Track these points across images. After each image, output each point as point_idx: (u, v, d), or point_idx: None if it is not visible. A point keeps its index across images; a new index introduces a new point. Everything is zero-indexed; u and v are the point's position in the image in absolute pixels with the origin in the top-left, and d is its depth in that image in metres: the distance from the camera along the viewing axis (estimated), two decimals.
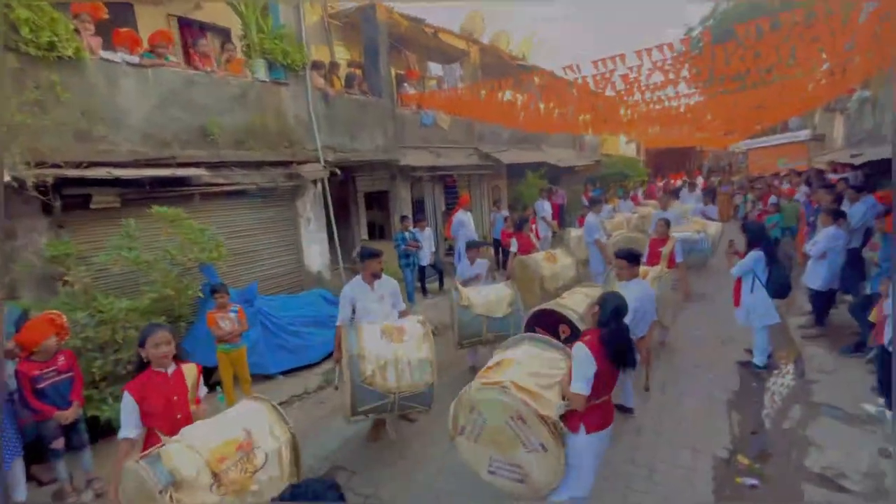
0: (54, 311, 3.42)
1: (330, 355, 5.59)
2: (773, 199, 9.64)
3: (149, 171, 4.68)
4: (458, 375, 4.77)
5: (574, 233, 8.65)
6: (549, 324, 4.01)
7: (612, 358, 2.41)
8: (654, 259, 5.64)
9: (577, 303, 4.15)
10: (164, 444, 2.24)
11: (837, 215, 5.29)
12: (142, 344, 2.54)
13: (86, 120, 4.40)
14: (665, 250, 5.60)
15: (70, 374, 3.36)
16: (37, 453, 3.42)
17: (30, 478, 3.38)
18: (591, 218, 7.21)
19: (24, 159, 3.85)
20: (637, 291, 3.65)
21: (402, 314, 4.03)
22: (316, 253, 6.95)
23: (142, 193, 4.75)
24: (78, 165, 4.21)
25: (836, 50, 5.05)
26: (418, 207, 9.63)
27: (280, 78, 6.20)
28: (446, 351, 4.97)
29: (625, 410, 3.93)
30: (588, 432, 2.41)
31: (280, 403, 4.62)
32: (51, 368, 3.24)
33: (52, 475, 3.47)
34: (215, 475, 2.13)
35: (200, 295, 4.74)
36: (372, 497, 3.30)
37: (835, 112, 14.32)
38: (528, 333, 3.01)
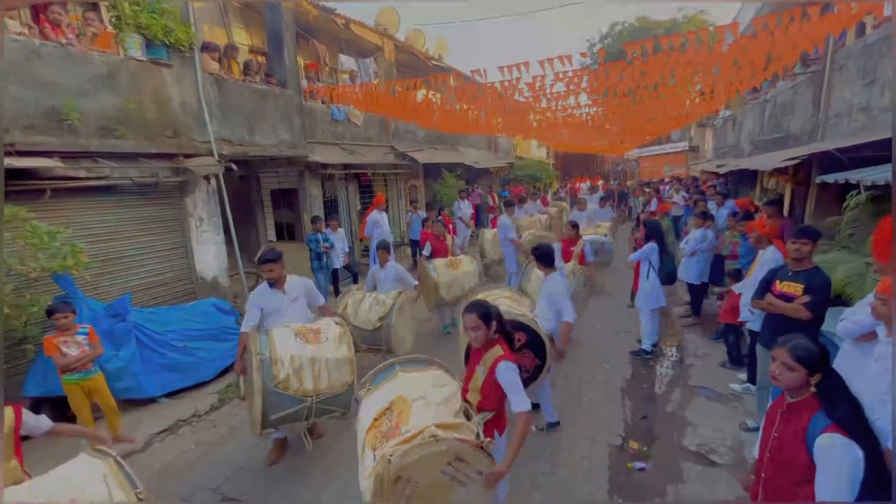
0: None
1: (224, 372, 5.05)
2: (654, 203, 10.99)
3: None
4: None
5: (489, 233, 8.85)
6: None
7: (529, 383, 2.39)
8: (567, 258, 6.12)
9: (518, 307, 3.87)
10: None
11: (706, 217, 6.11)
12: None
13: None
14: (576, 250, 6.06)
15: None
16: None
17: None
18: (504, 219, 7.47)
19: None
20: (554, 282, 3.74)
21: (322, 310, 3.88)
22: (210, 256, 6.22)
23: None
24: None
25: (706, 73, 5.77)
26: (331, 207, 9.16)
27: (161, 57, 5.42)
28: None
29: (552, 426, 3.89)
30: (501, 433, 2.42)
31: (162, 431, 4.14)
32: None
33: None
34: None
35: None
36: None
37: (706, 127, 16.59)
38: (393, 358, 2.71)
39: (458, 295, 5.75)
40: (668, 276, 5.49)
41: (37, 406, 3.79)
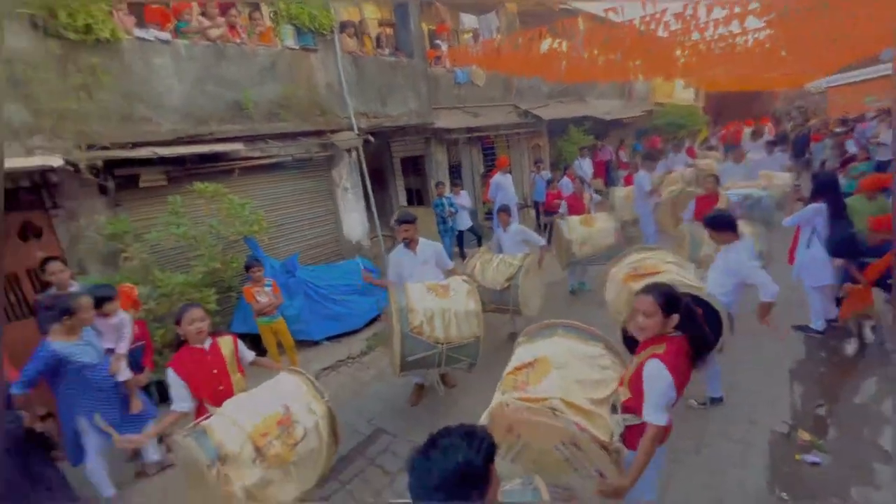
0: (128, 285, 3.70)
1: (372, 322, 5.76)
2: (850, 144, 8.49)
3: (189, 149, 4.82)
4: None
5: (620, 192, 8.14)
6: None
7: (696, 362, 2.01)
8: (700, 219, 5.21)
9: (687, 276, 3.38)
10: (209, 416, 2.37)
11: None
12: (178, 322, 2.68)
13: (128, 101, 4.55)
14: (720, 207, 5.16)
15: (142, 342, 3.65)
16: None
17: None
18: (641, 175, 6.70)
19: (76, 143, 4.07)
20: (739, 253, 3.27)
21: (451, 273, 4.09)
22: (354, 222, 7.02)
23: (185, 171, 4.92)
24: (124, 146, 4.40)
25: None
26: (455, 171, 9.42)
27: (309, 44, 6.07)
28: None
29: (714, 402, 3.56)
30: None
31: (326, 368, 4.93)
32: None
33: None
34: (258, 449, 2.24)
35: None
36: None
37: None
38: (562, 321, 2.55)
39: (592, 254, 5.48)
40: (839, 246, 4.06)
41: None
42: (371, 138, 6.79)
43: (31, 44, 3.96)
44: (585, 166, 10.06)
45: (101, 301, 3.22)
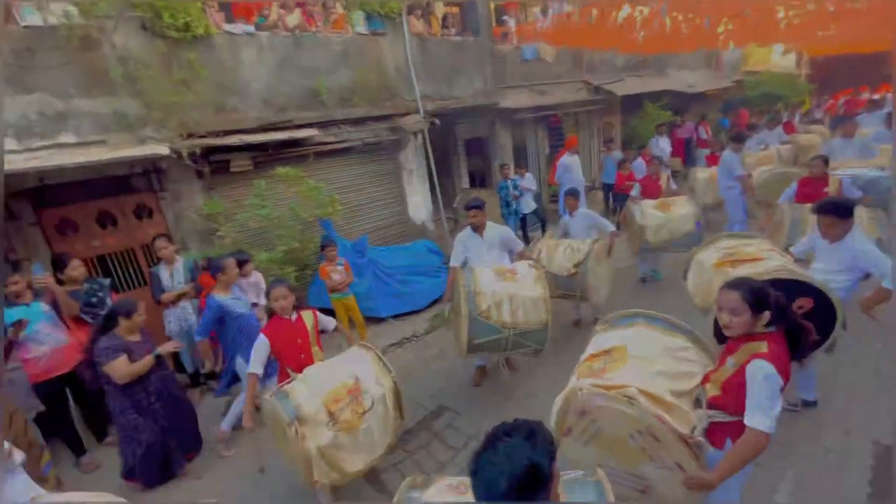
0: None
1: (434, 303, 5.92)
2: None
3: (271, 136, 5.17)
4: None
5: (702, 173, 7.50)
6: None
7: (799, 357, 1.88)
8: (806, 201, 4.61)
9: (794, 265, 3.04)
10: (291, 381, 2.63)
11: None
12: (267, 296, 2.97)
13: (220, 92, 4.97)
14: (831, 191, 4.57)
15: None
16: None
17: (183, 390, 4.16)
18: (729, 155, 5.99)
19: (178, 133, 4.54)
20: (860, 240, 2.94)
21: (521, 255, 4.09)
22: (419, 204, 7.17)
23: (268, 156, 5.30)
24: (218, 134, 4.83)
25: None
26: (519, 152, 9.21)
27: (378, 28, 6.18)
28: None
29: (807, 404, 3.28)
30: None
31: (392, 344, 5.18)
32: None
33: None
34: (330, 414, 2.47)
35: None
36: (475, 438, 3.52)
37: None
38: (644, 311, 2.46)
39: (668, 240, 5.15)
40: None
41: None
42: (436, 121, 6.83)
43: (141, 43, 4.45)
44: (663, 145, 9.34)
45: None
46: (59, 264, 3.74)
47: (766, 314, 1.83)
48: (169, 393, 3.31)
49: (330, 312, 4.82)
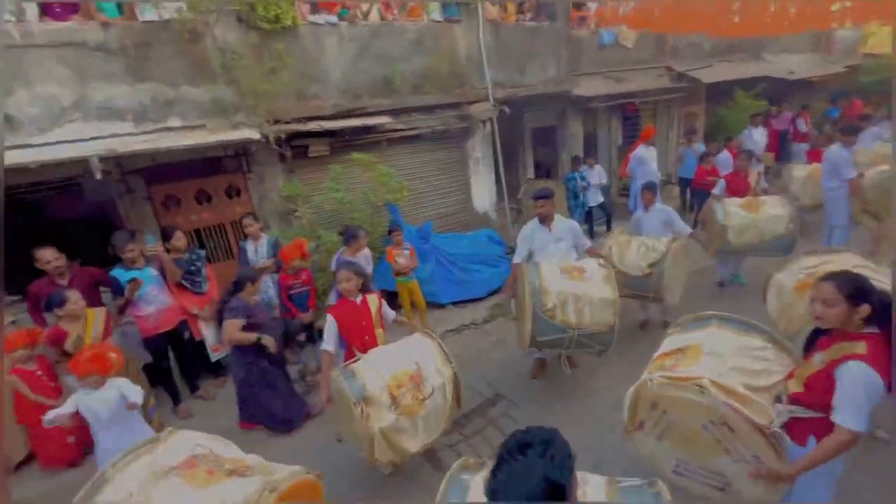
0: (301, 239, 4.46)
1: (494, 293, 5.93)
2: None
3: (346, 122, 5.41)
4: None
5: (799, 170, 6.75)
6: None
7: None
8: None
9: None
10: (357, 360, 2.78)
11: None
12: (335, 277, 3.14)
13: (303, 81, 5.27)
14: None
15: (308, 287, 4.39)
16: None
17: (284, 361, 4.63)
18: (837, 151, 5.10)
19: (266, 119, 4.89)
20: None
21: (589, 252, 4.00)
22: (483, 193, 7.17)
23: (343, 142, 5.56)
24: (300, 121, 5.14)
25: None
26: (590, 142, 8.85)
27: (453, 15, 6.19)
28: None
29: None
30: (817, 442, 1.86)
31: (451, 330, 5.29)
32: (297, 281, 4.29)
33: (296, 359, 4.73)
34: (393, 398, 2.58)
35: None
36: None
37: None
38: (718, 313, 2.39)
39: (753, 243, 4.73)
40: None
41: None
42: (506, 109, 6.74)
43: (237, 35, 4.82)
44: (757, 137, 8.46)
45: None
46: (165, 235, 4.23)
47: (865, 308, 1.71)
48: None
49: (394, 294, 5.04)
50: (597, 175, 7.50)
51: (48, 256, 3.70)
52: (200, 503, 1.73)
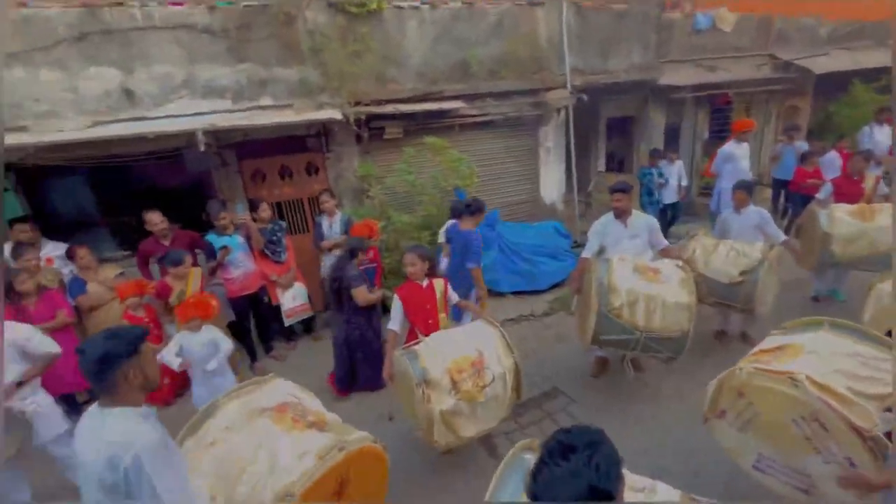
0: (372, 220, 4.65)
1: (556, 286, 5.80)
2: None
3: (422, 106, 5.47)
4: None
5: None
6: None
7: None
8: None
9: None
10: (419, 342, 2.85)
11: None
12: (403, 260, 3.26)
13: (383, 63, 5.39)
14: None
15: (374, 265, 4.57)
16: None
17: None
18: None
19: (347, 100, 5.08)
20: None
21: (665, 252, 3.80)
22: (552, 183, 6.98)
23: (417, 125, 5.64)
24: (379, 103, 5.28)
25: None
26: (671, 136, 8.26)
27: None
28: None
29: None
30: None
31: (509, 319, 5.26)
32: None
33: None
34: (454, 382, 2.63)
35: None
36: None
37: None
38: (831, 319, 2.24)
39: (862, 256, 4.20)
40: None
41: None
42: (584, 97, 6.46)
43: (326, 19, 5.02)
44: (881, 137, 7.38)
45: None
46: (252, 206, 4.59)
47: None
48: (370, 326, 3.98)
49: None
50: (676, 172, 7.02)
51: (155, 219, 4.16)
52: (280, 445, 1.92)
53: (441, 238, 4.57)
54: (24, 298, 3.39)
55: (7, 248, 3.84)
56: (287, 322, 4.81)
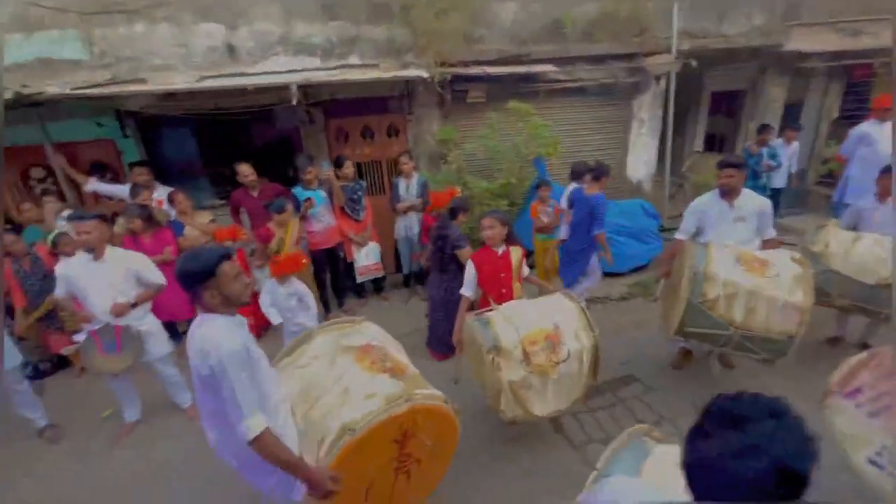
0: (455, 188, 4.60)
1: (637, 269, 5.40)
2: None
3: (510, 69, 5.20)
4: None
5: None
6: None
7: None
8: None
9: None
10: (492, 310, 2.74)
11: None
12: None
13: (471, 23, 5.16)
14: None
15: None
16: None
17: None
18: None
19: (433, 60, 4.96)
20: None
21: (766, 244, 3.33)
22: (640, 160, 6.42)
23: (501, 89, 5.39)
24: (465, 65, 5.10)
25: None
26: (790, 113, 7.18)
27: None
28: None
29: None
30: None
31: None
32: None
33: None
34: (526, 354, 2.51)
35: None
36: (667, 420, 3.20)
37: None
38: None
39: None
40: None
41: None
42: (693, 62, 5.75)
43: None
44: None
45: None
46: (337, 163, 4.69)
47: None
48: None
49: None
50: (792, 152, 6.12)
51: (245, 171, 4.41)
52: (354, 382, 2.00)
53: (563, 203, 4.41)
54: (137, 232, 3.81)
55: (125, 188, 4.32)
56: (359, 279, 4.96)
